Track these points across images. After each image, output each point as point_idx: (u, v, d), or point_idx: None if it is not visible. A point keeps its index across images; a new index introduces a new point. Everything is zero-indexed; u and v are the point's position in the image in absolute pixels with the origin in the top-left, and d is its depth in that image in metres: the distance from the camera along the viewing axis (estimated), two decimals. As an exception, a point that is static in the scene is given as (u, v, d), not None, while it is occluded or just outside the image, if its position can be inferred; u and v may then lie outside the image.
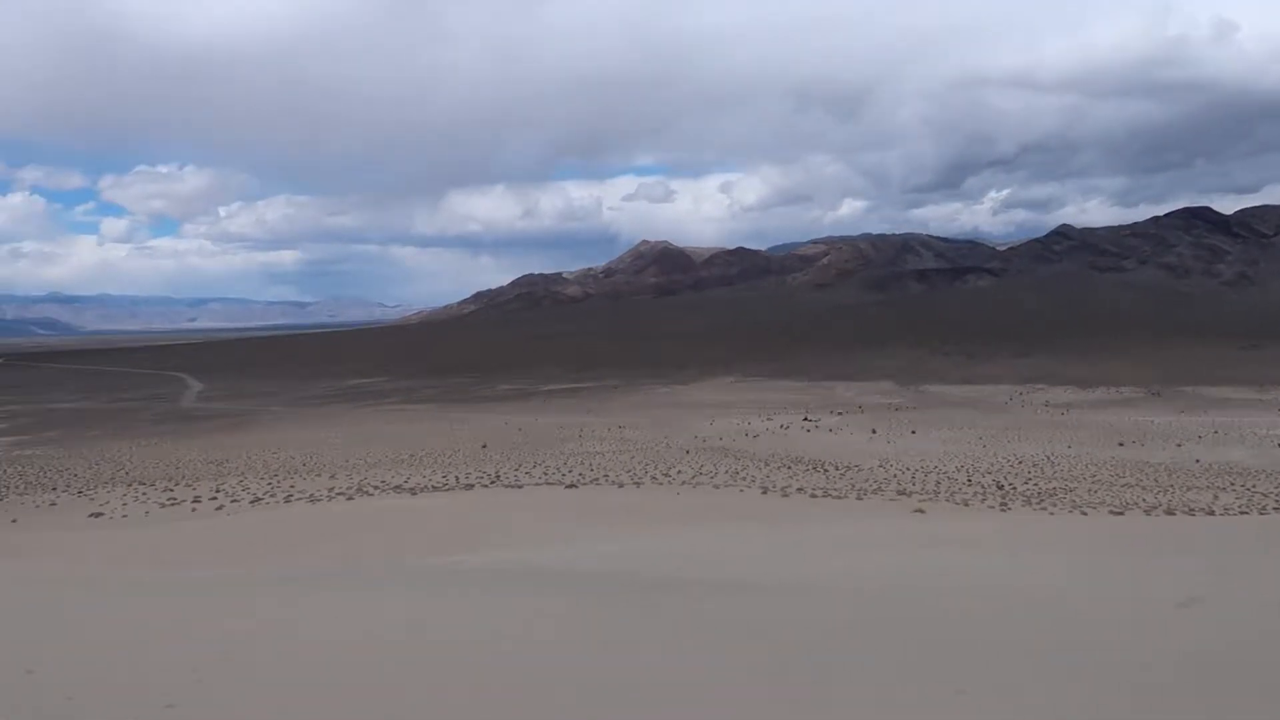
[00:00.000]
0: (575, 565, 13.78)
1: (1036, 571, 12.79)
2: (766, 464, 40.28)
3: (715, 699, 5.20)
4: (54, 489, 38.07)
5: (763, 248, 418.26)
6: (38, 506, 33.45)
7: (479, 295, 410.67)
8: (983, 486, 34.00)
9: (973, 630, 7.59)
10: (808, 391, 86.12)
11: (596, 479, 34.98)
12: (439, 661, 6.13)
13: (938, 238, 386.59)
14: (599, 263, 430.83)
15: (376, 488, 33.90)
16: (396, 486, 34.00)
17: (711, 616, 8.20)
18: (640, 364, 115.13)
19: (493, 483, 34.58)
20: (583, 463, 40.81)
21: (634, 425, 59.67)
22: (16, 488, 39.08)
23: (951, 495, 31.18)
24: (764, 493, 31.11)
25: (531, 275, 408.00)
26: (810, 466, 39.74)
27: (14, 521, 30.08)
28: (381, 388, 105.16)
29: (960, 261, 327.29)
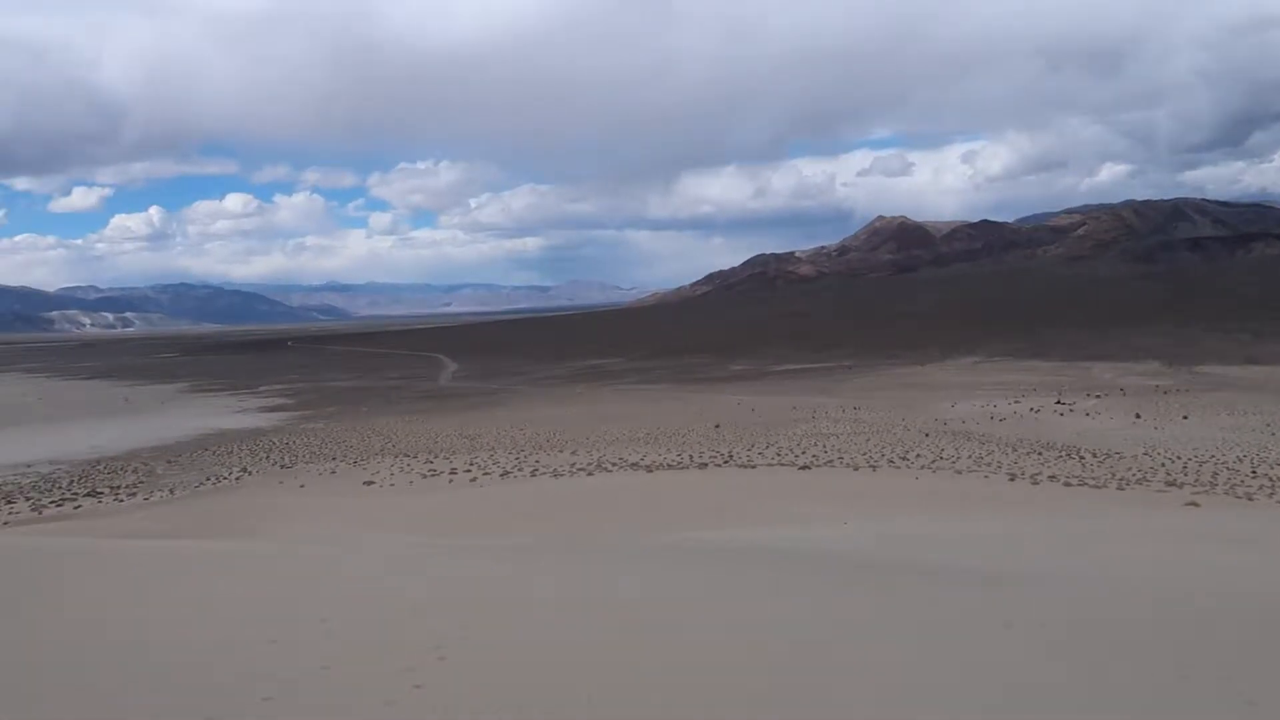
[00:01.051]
0: (810, 546, 13.64)
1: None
2: (1014, 449, 38.00)
3: (950, 690, 4.98)
4: (333, 459, 42.37)
5: (1009, 219, 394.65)
6: (320, 474, 37.36)
7: (711, 276, 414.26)
8: (1270, 479, 30.31)
9: (1254, 635, 6.81)
10: (1060, 372, 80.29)
11: (831, 461, 34.43)
12: (676, 632, 6.27)
13: (1216, 202, 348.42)
14: (833, 240, 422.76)
15: (614, 464, 35.13)
16: (633, 464, 35.07)
17: (951, 604, 7.86)
18: (876, 344, 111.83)
19: (726, 462, 34.88)
20: (816, 444, 40.28)
21: (869, 407, 58.13)
22: (304, 457, 43.86)
23: (1232, 488, 28.06)
24: (1011, 479, 29.40)
25: (764, 255, 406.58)
26: (1063, 453, 37.09)
27: (302, 487, 33.81)
28: (618, 368, 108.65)
29: (1244, 227, 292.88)
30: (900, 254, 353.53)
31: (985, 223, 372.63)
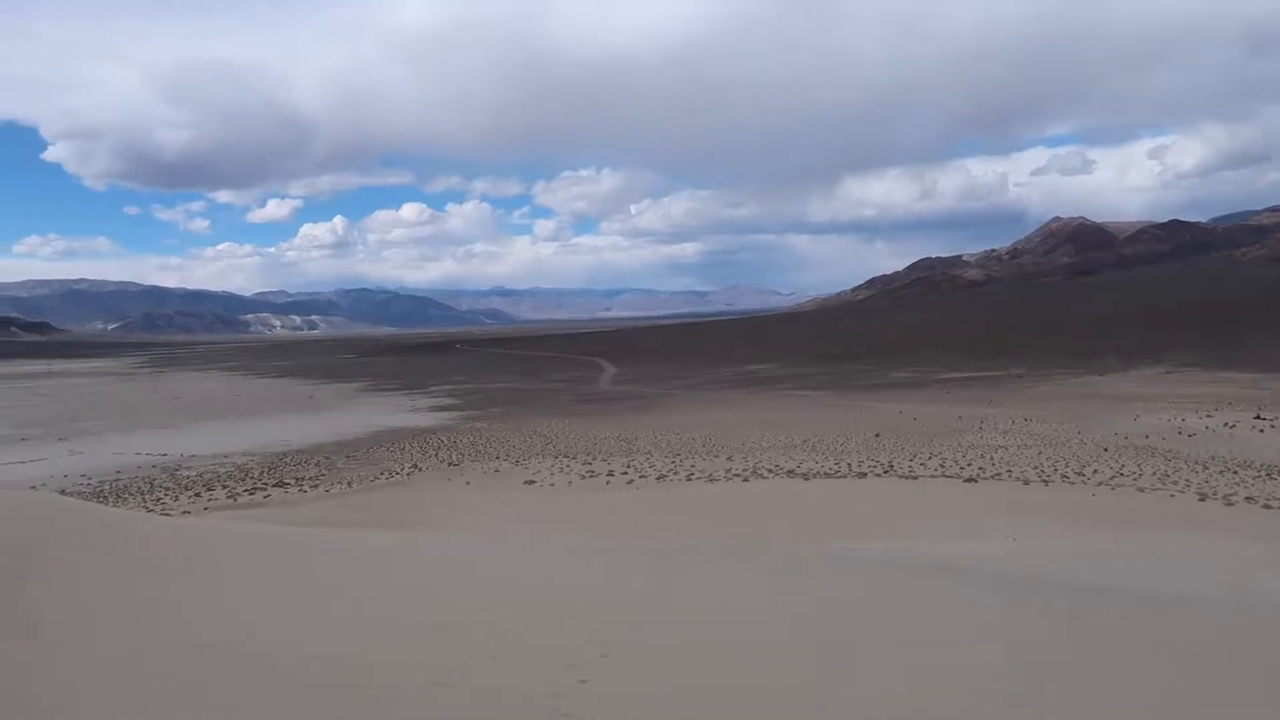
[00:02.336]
0: (975, 562, 13.13)
1: None
2: (1205, 467, 35.24)
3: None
4: (497, 458, 43.90)
5: (1203, 219, 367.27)
6: (485, 472, 38.78)
7: (873, 281, 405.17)
8: None
9: None
10: (1261, 385, 73.82)
11: (999, 474, 32.96)
12: (836, 643, 6.19)
13: None
14: (1003, 243, 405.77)
15: (770, 471, 34.84)
16: (789, 471, 34.68)
17: (1132, 628, 7.40)
18: (1050, 351, 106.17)
19: (886, 472, 33.98)
20: (983, 456, 38.63)
21: (1042, 418, 55.24)
22: (470, 455, 45.65)
23: None
24: (1201, 499, 27.30)
25: (929, 259, 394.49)
26: (1263, 472, 34.10)
27: (467, 484, 35.22)
28: (775, 374, 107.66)
29: None
30: (1078, 257, 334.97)
31: (1175, 223, 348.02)
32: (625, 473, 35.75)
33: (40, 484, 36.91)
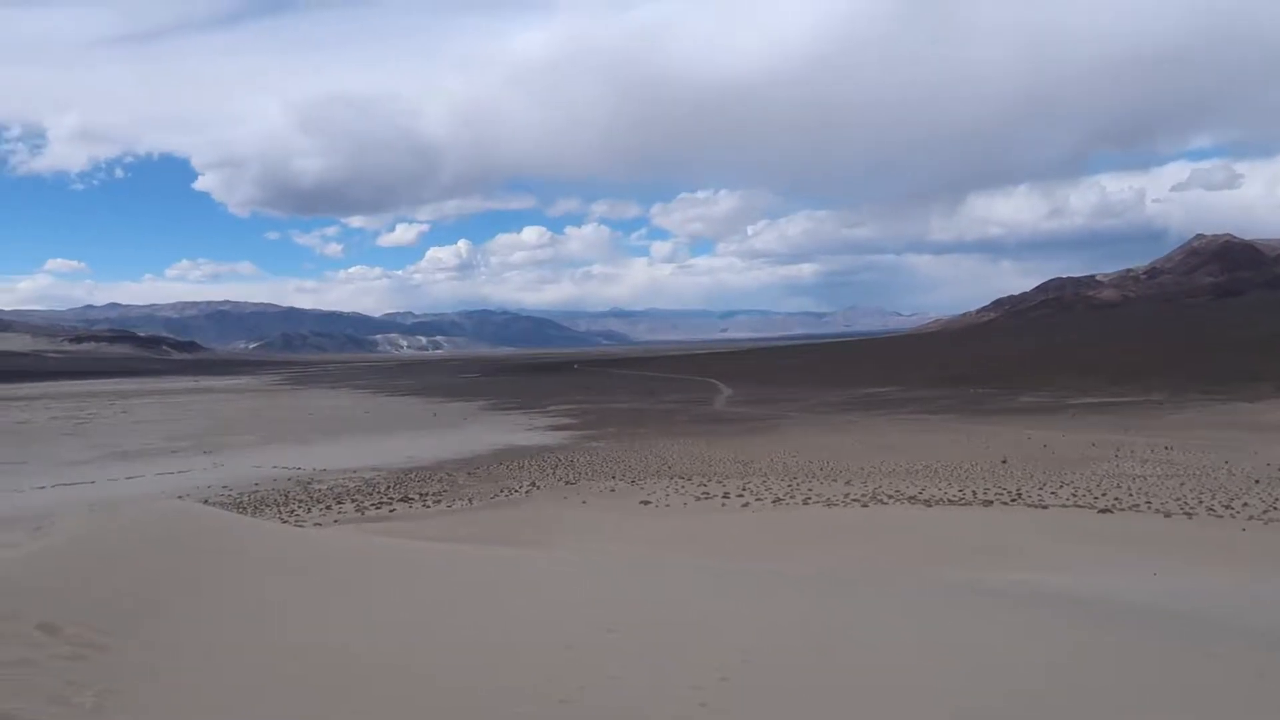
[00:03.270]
0: (1114, 596, 12.48)
1: None
2: (1371, 502, 32.58)
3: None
4: (613, 477, 44.26)
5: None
6: (601, 492, 39.14)
7: (999, 302, 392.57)
8: None
9: None
10: None
11: (1136, 505, 31.29)
12: (961, 676, 5.99)
13: None
14: (1141, 262, 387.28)
15: (890, 497, 34.01)
16: (911, 497, 33.78)
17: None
18: (1192, 376, 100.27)
19: (1013, 501, 32.73)
20: (1118, 485, 36.75)
21: (1184, 446, 52.16)
22: (586, 474, 46.18)
23: None
24: (1368, 538, 25.23)
25: (1059, 279, 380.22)
26: None
27: (584, 503, 35.62)
28: (895, 397, 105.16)
29: None
30: (1224, 276, 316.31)
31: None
32: (740, 495, 35.49)
33: (186, 494, 39.23)
